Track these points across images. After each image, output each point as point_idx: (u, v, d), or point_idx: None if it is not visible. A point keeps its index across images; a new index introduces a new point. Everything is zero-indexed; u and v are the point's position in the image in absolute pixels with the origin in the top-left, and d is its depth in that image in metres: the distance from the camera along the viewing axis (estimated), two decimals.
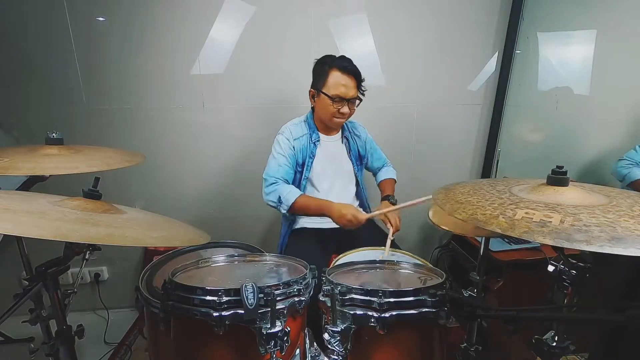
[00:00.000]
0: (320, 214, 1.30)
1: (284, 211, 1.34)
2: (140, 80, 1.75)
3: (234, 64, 1.78)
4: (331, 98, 1.31)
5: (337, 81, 1.30)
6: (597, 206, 0.61)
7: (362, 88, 1.38)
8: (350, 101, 1.34)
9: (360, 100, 1.38)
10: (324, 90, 1.32)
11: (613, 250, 0.48)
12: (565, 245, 0.51)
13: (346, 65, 1.31)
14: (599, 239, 0.50)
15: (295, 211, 1.34)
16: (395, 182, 1.62)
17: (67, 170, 0.91)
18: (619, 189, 0.74)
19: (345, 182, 1.52)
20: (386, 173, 1.64)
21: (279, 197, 1.32)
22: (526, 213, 0.59)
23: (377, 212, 1.32)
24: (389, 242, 1.23)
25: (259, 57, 1.78)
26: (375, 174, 1.67)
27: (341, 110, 1.34)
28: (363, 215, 1.23)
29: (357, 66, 1.34)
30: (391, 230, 1.29)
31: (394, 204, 1.44)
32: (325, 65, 1.33)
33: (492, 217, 0.60)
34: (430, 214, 1.13)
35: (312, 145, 1.42)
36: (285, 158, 1.38)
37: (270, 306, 0.74)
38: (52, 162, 0.95)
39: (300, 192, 1.34)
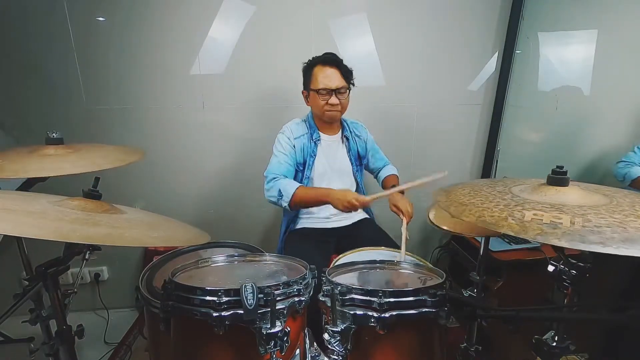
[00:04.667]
0: (321, 202, 1.28)
1: (285, 205, 1.30)
2: (140, 80, 1.75)
3: (234, 64, 1.78)
4: (317, 92, 1.34)
5: (320, 74, 1.33)
6: (601, 206, 0.60)
7: (351, 77, 1.38)
8: (338, 91, 1.34)
9: (349, 89, 1.38)
10: (311, 87, 1.36)
11: (630, 252, 0.46)
12: (582, 247, 0.49)
13: (326, 57, 1.35)
14: (614, 241, 0.48)
15: (296, 203, 1.30)
16: (398, 179, 1.59)
17: (67, 171, 0.91)
18: (615, 188, 0.74)
19: (344, 182, 1.51)
20: (388, 170, 1.61)
21: (279, 190, 1.30)
22: (534, 214, 0.57)
23: (382, 194, 1.22)
24: (404, 237, 1.14)
25: (259, 57, 1.78)
26: (376, 175, 1.65)
27: (330, 102, 1.35)
28: (364, 198, 1.17)
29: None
30: (404, 221, 1.22)
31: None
32: (310, 65, 1.38)
33: (501, 219, 0.58)
34: (432, 216, 1.12)
35: (312, 144, 1.43)
36: (286, 156, 1.38)
37: (270, 306, 0.73)
38: (52, 162, 0.95)
39: (299, 184, 1.33)
